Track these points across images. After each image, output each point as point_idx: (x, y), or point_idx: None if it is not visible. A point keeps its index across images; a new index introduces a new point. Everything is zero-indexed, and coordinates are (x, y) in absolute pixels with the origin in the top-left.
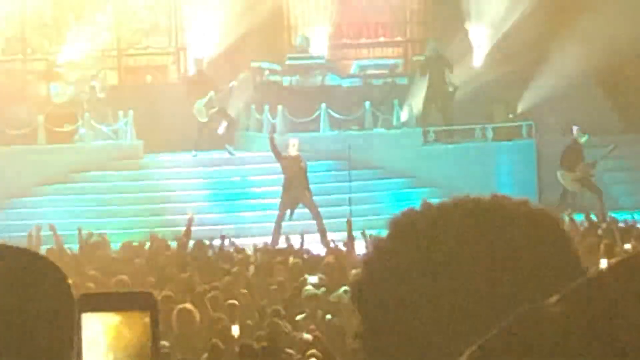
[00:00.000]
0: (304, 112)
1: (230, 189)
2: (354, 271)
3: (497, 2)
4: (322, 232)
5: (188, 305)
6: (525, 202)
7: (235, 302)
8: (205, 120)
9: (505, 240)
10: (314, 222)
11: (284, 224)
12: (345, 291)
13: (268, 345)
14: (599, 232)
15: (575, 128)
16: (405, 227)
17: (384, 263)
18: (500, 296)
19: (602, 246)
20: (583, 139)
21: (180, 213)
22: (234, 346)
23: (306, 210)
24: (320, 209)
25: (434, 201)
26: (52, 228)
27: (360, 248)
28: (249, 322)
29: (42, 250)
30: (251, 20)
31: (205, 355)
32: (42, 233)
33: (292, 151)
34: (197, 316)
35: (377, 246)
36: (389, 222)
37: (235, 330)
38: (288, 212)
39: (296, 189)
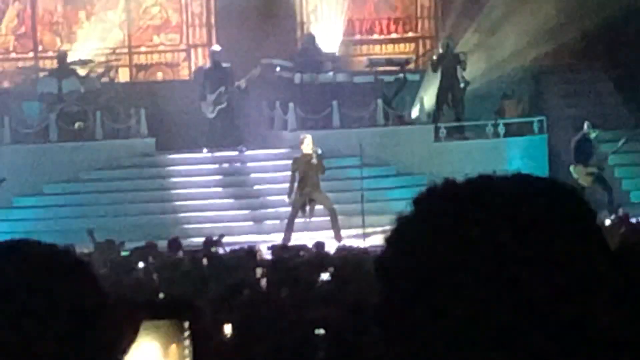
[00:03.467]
0: (315, 109)
1: (242, 187)
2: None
3: None
4: (336, 229)
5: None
6: (551, 179)
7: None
8: (212, 116)
9: (531, 215)
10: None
11: (297, 221)
12: None
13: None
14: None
15: (586, 123)
16: (428, 202)
17: (407, 239)
18: (526, 271)
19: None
20: (593, 135)
21: (192, 210)
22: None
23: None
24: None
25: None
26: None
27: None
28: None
29: None
30: (263, 17)
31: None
32: None
33: (306, 149)
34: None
35: (401, 222)
36: (413, 199)
37: (227, 329)
38: (303, 209)
39: (309, 186)
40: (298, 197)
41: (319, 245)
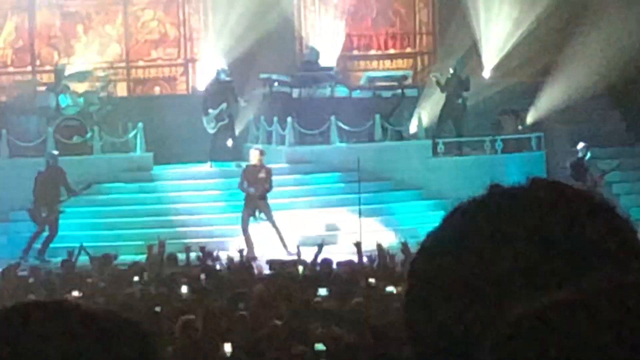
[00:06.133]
0: (313, 124)
1: (240, 201)
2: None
3: (506, 13)
4: (282, 240)
5: (191, 317)
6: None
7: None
8: (213, 132)
9: (569, 221)
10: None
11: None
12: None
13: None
14: None
15: (581, 144)
16: (470, 208)
17: (444, 242)
18: (554, 274)
19: None
20: (587, 157)
21: (190, 225)
22: None
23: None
24: (330, 221)
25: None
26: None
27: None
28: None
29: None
30: (261, 32)
31: None
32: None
33: (253, 160)
34: (200, 328)
35: (440, 227)
36: (457, 204)
37: (227, 348)
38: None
39: (255, 199)
40: (244, 212)
41: (324, 261)
